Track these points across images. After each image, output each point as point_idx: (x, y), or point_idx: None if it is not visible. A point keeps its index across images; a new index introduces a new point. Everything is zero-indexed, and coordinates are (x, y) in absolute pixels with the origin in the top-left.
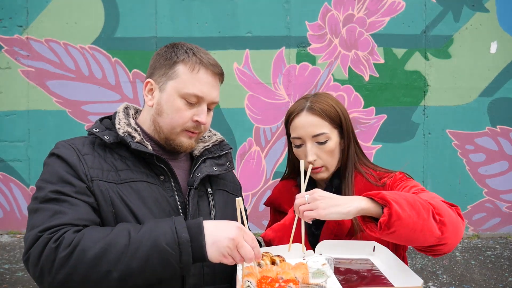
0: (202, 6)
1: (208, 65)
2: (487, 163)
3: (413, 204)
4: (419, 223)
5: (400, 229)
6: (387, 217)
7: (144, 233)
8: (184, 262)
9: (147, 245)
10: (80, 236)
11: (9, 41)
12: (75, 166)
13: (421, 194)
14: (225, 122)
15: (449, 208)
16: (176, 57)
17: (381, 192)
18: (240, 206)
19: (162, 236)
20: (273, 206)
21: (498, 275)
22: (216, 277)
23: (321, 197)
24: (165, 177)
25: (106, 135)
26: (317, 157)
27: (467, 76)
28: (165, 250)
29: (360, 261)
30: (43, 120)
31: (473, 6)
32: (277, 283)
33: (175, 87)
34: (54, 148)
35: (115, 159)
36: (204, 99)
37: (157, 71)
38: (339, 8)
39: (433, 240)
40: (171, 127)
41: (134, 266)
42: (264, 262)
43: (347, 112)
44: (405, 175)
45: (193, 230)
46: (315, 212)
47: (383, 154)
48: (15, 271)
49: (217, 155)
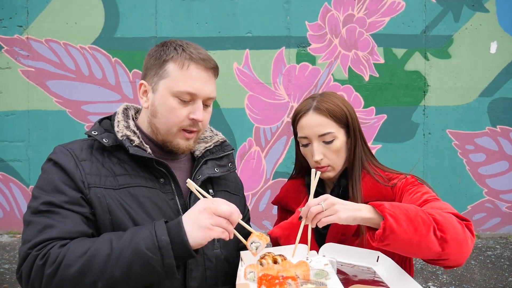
0: (202, 6)
1: (198, 60)
2: (487, 163)
3: (412, 219)
4: (416, 238)
5: (394, 243)
6: (382, 230)
7: (125, 241)
8: (168, 265)
9: (128, 252)
10: (65, 251)
11: (9, 41)
12: (71, 173)
13: (432, 203)
14: (225, 122)
15: (457, 224)
16: (165, 55)
17: (383, 204)
18: (192, 186)
19: (143, 242)
20: (280, 205)
21: (498, 275)
22: (218, 280)
23: (337, 201)
24: (165, 180)
25: (105, 138)
26: (323, 156)
27: (467, 76)
28: (146, 255)
29: (362, 267)
30: (43, 120)
31: (473, 6)
32: (276, 279)
33: (166, 86)
34: (52, 153)
35: (113, 163)
36: (198, 96)
37: (149, 72)
38: (339, 8)
39: (433, 255)
40: (167, 127)
41: (117, 274)
42: (266, 262)
43: (354, 111)
44: (416, 179)
45: (173, 231)
46: (335, 217)
47: (383, 154)
48: (15, 271)
49: (218, 156)
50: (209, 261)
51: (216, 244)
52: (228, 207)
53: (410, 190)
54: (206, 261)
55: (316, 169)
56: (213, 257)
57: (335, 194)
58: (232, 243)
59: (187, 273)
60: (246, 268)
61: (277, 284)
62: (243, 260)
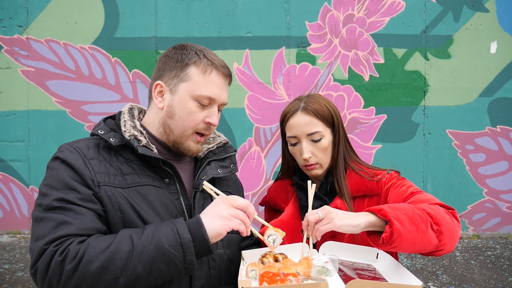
0: (202, 6)
1: (219, 67)
2: (487, 163)
3: (412, 219)
4: (418, 236)
5: (401, 244)
6: (389, 234)
7: (147, 237)
8: (188, 262)
9: (151, 249)
10: (85, 247)
11: (9, 41)
12: (81, 171)
13: (418, 195)
14: (225, 122)
15: (445, 214)
16: (187, 59)
17: (383, 208)
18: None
19: (164, 239)
20: (268, 205)
21: (498, 275)
22: (221, 279)
23: (333, 210)
24: (170, 180)
25: (112, 137)
26: (312, 154)
27: (467, 76)
28: (169, 252)
29: (362, 265)
30: (43, 120)
31: (473, 6)
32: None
33: (187, 89)
34: (58, 151)
35: (121, 162)
36: (216, 101)
37: (167, 73)
38: (339, 8)
39: (432, 248)
40: (183, 129)
41: (140, 270)
42: (268, 260)
43: (338, 111)
44: (399, 174)
45: (193, 228)
46: (331, 224)
47: (383, 154)
48: (15, 271)
49: (221, 157)
50: (213, 260)
51: (219, 244)
52: (245, 200)
53: (396, 184)
54: (210, 260)
55: (305, 167)
56: (217, 257)
57: (323, 191)
58: (234, 243)
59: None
60: (248, 266)
61: (278, 280)
62: (244, 260)
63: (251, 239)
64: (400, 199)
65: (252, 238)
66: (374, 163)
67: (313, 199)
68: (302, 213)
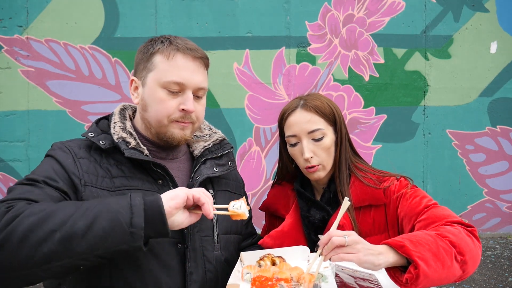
0: (202, 6)
1: (185, 50)
2: (487, 163)
3: (437, 254)
4: (444, 272)
5: (426, 283)
6: (414, 276)
7: (97, 201)
8: (135, 225)
9: (98, 207)
10: (31, 205)
11: (9, 41)
12: (69, 169)
13: (433, 210)
14: (225, 122)
15: (467, 238)
16: (152, 48)
17: (405, 244)
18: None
19: (114, 201)
20: (268, 211)
21: (498, 275)
22: (218, 283)
23: (361, 241)
24: (163, 181)
25: (102, 140)
26: (313, 154)
27: (467, 76)
28: (115, 210)
29: (364, 274)
30: (43, 120)
31: (473, 6)
32: (269, 281)
33: (154, 78)
34: (50, 149)
35: (111, 164)
36: (187, 85)
37: (138, 67)
38: (339, 8)
39: (455, 279)
40: (157, 120)
41: (80, 225)
42: (265, 263)
43: (340, 110)
44: (409, 181)
45: (148, 195)
46: (355, 257)
47: (383, 154)
48: None
49: (217, 155)
50: (209, 263)
51: (216, 246)
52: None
53: (407, 195)
54: (206, 263)
55: (306, 169)
56: (213, 259)
57: (326, 199)
58: (232, 244)
59: (187, 276)
60: (244, 269)
61: (269, 286)
62: (242, 261)
63: (253, 238)
64: (413, 213)
65: (254, 237)
66: (374, 163)
67: (313, 208)
68: (304, 223)
